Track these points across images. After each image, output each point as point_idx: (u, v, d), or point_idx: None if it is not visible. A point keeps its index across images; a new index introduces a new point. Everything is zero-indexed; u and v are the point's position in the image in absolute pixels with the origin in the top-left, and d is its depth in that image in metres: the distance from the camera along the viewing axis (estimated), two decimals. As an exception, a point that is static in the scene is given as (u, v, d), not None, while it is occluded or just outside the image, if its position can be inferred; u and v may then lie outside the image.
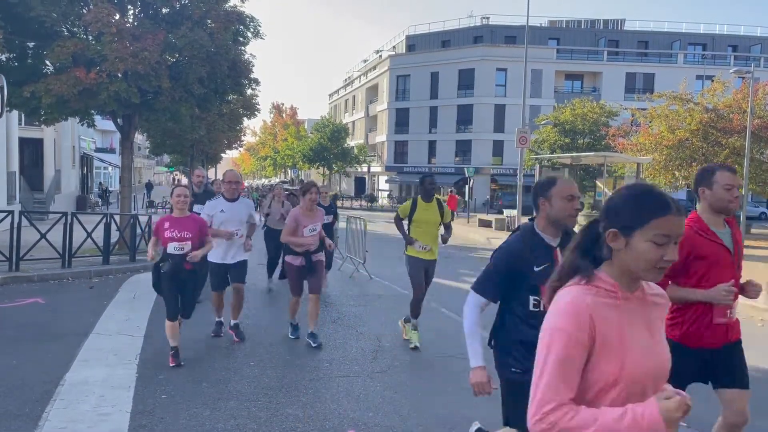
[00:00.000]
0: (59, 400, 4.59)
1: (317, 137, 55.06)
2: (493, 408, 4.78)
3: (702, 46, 52.85)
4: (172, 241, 5.39)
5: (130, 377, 5.18)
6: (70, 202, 26.22)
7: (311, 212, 6.25)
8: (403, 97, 53.43)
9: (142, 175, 65.05)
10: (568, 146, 29.51)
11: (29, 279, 9.83)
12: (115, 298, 8.75)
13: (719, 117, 20.59)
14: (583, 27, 55.04)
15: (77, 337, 6.43)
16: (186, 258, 5.36)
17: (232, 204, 6.47)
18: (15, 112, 18.06)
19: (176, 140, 28.89)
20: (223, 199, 6.50)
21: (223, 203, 6.45)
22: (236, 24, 13.67)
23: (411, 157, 52.85)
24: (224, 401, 4.70)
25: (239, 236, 6.40)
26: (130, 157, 14.72)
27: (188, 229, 5.44)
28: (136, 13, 13.64)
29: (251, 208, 6.75)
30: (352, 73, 71.68)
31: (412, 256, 6.49)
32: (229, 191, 6.47)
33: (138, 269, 11.56)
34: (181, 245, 5.39)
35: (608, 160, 19.85)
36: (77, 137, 31.76)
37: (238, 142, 40.80)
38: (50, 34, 12.14)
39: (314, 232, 6.24)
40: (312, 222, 6.21)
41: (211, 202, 6.57)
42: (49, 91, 11.59)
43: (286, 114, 78.58)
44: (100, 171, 46.56)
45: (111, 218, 12.01)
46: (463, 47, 50.98)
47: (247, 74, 14.99)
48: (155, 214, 24.21)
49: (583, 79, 51.09)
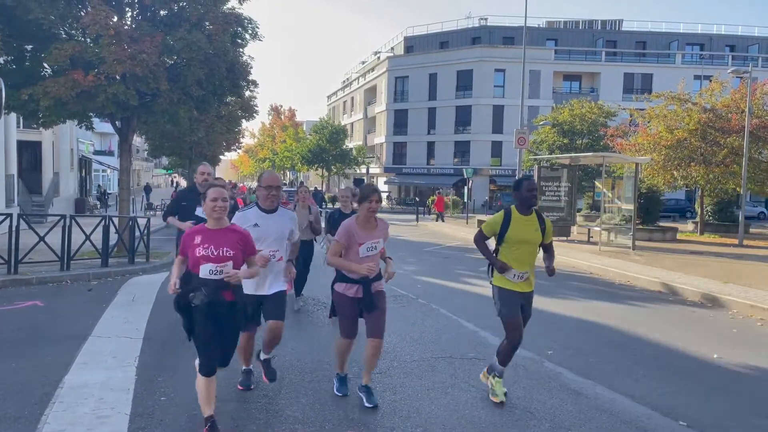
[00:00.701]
0: (58, 403, 4.58)
1: (316, 139, 55.09)
2: (494, 408, 4.78)
3: (700, 46, 52.96)
4: (206, 262, 3.94)
5: (129, 379, 5.17)
6: (69, 205, 26.19)
7: (370, 224, 4.78)
8: (402, 98, 53.47)
9: (140, 178, 65.02)
10: (567, 147, 29.51)
11: (28, 282, 9.81)
12: (113, 300, 8.73)
13: (717, 117, 20.61)
14: (581, 28, 55.13)
15: (76, 339, 6.41)
16: (226, 284, 3.96)
17: (270, 216, 4.84)
18: (13, 115, 18.05)
19: (175, 142, 28.87)
20: (257, 209, 4.86)
21: (257, 215, 4.82)
22: (234, 26, 13.67)
23: (410, 158, 52.88)
24: (223, 403, 4.69)
25: (277, 259, 4.85)
26: (128, 159, 14.72)
27: (228, 245, 3.99)
28: (134, 15, 13.65)
29: (294, 221, 5.06)
30: (351, 75, 71.75)
31: (503, 288, 4.95)
32: (268, 199, 4.80)
33: (137, 272, 11.55)
34: (220, 267, 3.94)
35: (607, 161, 19.82)
36: (75, 140, 31.73)
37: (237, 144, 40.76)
38: (48, 36, 12.14)
39: (374, 251, 4.76)
40: (370, 238, 4.73)
41: (242, 213, 4.87)
42: (47, 94, 11.59)
43: (285, 116, 78.54)
44: (98, 174, 46.53)
45: (110, 221, 12.00)
46: (462, 48, 51.07)
47: (245, 76, 15.01)
48: (153, 216, 24.19)
49: (581, 80, 51.18)
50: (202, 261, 3.94)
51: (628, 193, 17.91)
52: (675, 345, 6.99)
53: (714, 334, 7.65)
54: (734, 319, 8.65)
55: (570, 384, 5.41)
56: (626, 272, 12.36)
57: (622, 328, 7.82)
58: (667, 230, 21.16)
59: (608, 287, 11.30)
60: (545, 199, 20.31)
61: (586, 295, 10.29)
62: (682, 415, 4.73)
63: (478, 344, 6.65)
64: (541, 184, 20.43)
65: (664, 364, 6.20)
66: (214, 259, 3.93)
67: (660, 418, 4.66)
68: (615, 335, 7.43)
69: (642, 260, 14.49)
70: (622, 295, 10.48)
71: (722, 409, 4.96)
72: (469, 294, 10.07)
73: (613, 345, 6.92)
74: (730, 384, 5.61)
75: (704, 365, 6.22)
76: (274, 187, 4.80)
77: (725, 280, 11.35)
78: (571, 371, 5.76)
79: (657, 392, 5.27)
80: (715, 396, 5.28)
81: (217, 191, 4.01)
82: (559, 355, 6.32)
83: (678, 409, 4.85)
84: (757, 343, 7.26)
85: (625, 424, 4.52)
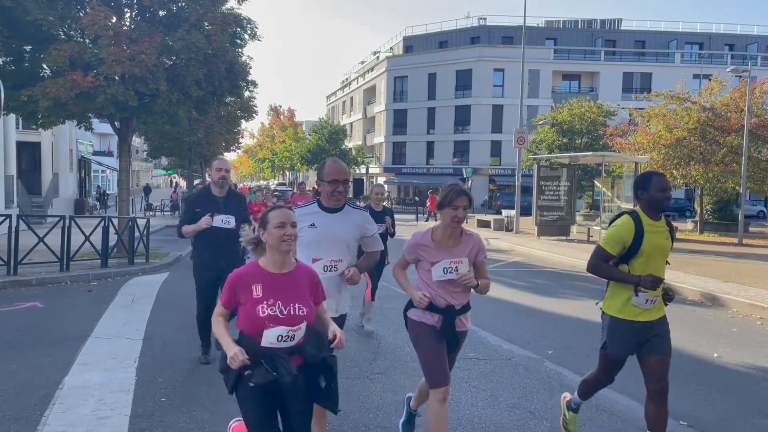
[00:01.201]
0: (58, 404, 4.58)
1: (315, 139, 55.08)
2: (494, 408, 4.78)
3: (699, 45, 52.99)
4: (274, 325, 2.72)
5: (129, 380, 5.17)
6: (68, 206, 26.18)
7: (452, 238, 3.55)
8: (401, 98, 53.47)
9: (140, 178, 64.99)
10: (566, 146, 29.50)
11: (28, 283, 9.81)
12: (113, 301, 8.73)
13: (717, 116, 20.61)
14: (580, 27, 55.15)
15: (76, 340, 6.41)
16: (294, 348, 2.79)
17: (334, 217, 3.68)
18: (12, 116, 18.03)
19: (174, 143, 28.86)
20: (317, 207, 3.72)
21: (315, 213, 3.68)
22: (233, 26, 13.67)
23: (409, 158, 52.88)
24: (223, 404, 4.68)
25: (339, 273, 3.70)
26: (127, 160, 14.71)
27: (301, 299, 2.82)
28: (133, 16, 13.65)
29: (369, 223, 3.84)
30: (350, 75, 71.74)
31: (620, 318, 3.88)
32: (333, 196, 3.65)
33: (136, 272, 11.55)
34: (292, 332, 2.75)
35: (606, 160, 19.84)
36: (75, 141, 31.71)
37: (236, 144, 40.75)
38: (47, 37, 12.14)
39: (454, 274, 3.51)
40: (451, 256, 3.51)
41: (300, 209, 3.70)
42: (47, 95, 11.58)
43: (284, 116, 78.53)
44: (98, 174, 46.50)
45: (109, 221, 12.00)
46: (461, 48, 51.07)
47: (244, 76, 15.01)
48: (153, 216, 24.18)
49: (580, 79, 51.19)
50: (268, 323, 2.70)
51: (627, 192, 17.91)
52: (675, 344, 6.96)
53: (714, 334, 7.66)
54: (734, 318, 8.65)
55: (570, 384, 5.40)
56: (626, 271, 12.34)
57: (622, 327, 7.81)
58: (667, 229, 21.12)
59: (608, 286, 11.28)
60: (544, 198, 20.33)
61: (586, 294, 10.28)
62: (683, 414, 4.74)
63: (478, 344, 6.65)
64: (540, 183, 20.45)
65: (664, 363, 6.19)
66: (285, 320, 2.72)
67: (660, 417, 4.65)
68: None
69: (642, 259, 14.47)
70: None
71: (722, 408, 4.96)
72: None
73: (613, 344, 6.91)
74: (731, 383, 5.61)
75: (704, 364, 6.22)
76: (341, 182, 3.62)
77: (725, 279, 11.36)
78: (571, 371, 5.75)
79: (657, 391, 5.26)
80: (716, 395, 5.28)
81: (283, 214, 2.81)
82: (559, 355, 6.32)
83: (678, 409, 4.85)
84: (758, 342, 7.26)
85: (626, 423, 4.52)
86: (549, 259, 14.90)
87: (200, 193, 6.06)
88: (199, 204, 5.67)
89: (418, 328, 3.61)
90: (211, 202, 5.61)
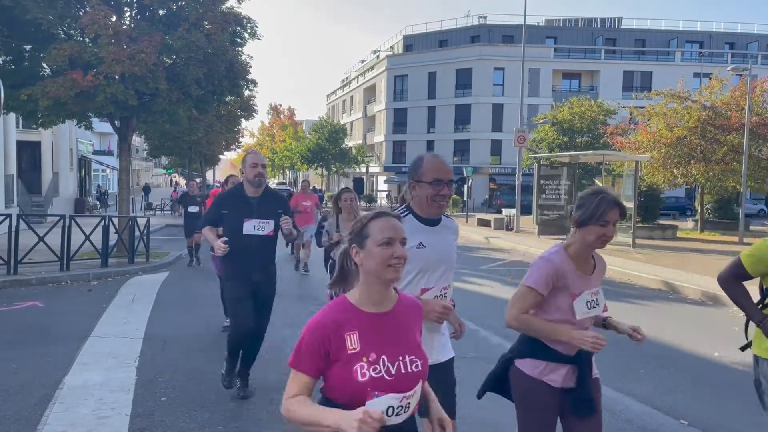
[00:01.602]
0: (58, 404, 4.57)
1: (315, 138, 55.02)
2: (495, 407, 4.76)
3: (699, 44, 52.93)
4: (382, 391, 1.81)
5: (130, 380, 5.16)
6: (69, 205, 26.17)
7: (588, 264, 2.70)
8: (401, 97, 53.45)
9: (140, 178, 64.99)
10: (567, 145, 29.50)
11: (28, 282, 9.80)
12: (113, 300, 8.73)
13: (717, 114, 20.60)
14: (581, 26, 55.12)
15: (76, 340, 6.40)
16: None
17: (435, 231, 2.78)
18: (12, 115, 18.02)
19: (174, 142, 28.85)
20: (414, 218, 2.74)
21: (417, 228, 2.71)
22: (233, 25, 13.66)
23: (409, 157, 52.75)
24: (224, 403, 4.68)
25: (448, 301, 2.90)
26: (128, 159, 14.70)
27: (412, 349, 1.93)
28: (133, 15, 13.64)
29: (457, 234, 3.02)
30: (350, 74, 71.73)
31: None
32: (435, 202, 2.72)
33: (137, 272, 11.55)
34: (407, 399, 1.87)
35: (606, 159, 19.84)
36: (75, 140, 31.70)
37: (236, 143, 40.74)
38: (47, 36, 12.13)
39: (596, 309, 2.72)
40: (588, 286, 2.66)
41: None
42: (47, 94, 11.57)
43: (284, 115, 78.52)
44: (98, 174, 46.51)
45: (109, 221, 11.99)
46: (461, 47, 51.03)
47: (244, 75, 15.00)
48: (153, 216, 24.17)
49: (580, 78, 51.14)
50: (372, 389, 1.80)
51: (628, 191, 17.89)
52: (676, 343, 6.98)
53: (715, 333, 7.65)
54: (735, 318, 8.64)
55: (571, 383, 5.39)
56: (626, 270, 12.35)
57: (622, 326, 7.80)
58: (667, 228, 21.15)
59: (608, 285, 11.29)
60: (545, 197, 20.32)
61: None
62: (683, 413, 4.73)
63: (478, 343, 6.64)
64: (540, 182, 20.45)
65: (665, 362, 6.19)
66: (395, 384, 1.83)
67: (661, 416, 4.65)
68: (615, 334, 7.40)
69: (642, 258, 14.49)
70: (622, 293, 10.47)
71: (723, 407, 4.95)
72: (469, 293, 10.06)
73: (613, 343, 6.87)
74: (731, 382, 5.60)
75: (705, 363, 6.21)
76: (445, 182, 2.71)
77: (725, 278, 11.33)
78: (571, 370, 5.74)
79: (658, 390, 5.26)
80: (716, 394, 5.28)
81: (391, 226, 1.90)
82: (559, 354, 6.30)
83: (679, 408, 4.84)
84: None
85: (627, 422, 4.51)
86: (549, 258, 14.85)
87: (232, 192, 4.90)
88: (226, 205, 4.71)
89: (535, 390, 2.59)
90: (242, 203, 4.61)
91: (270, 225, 4.61)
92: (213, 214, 4.78)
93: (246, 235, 4.53)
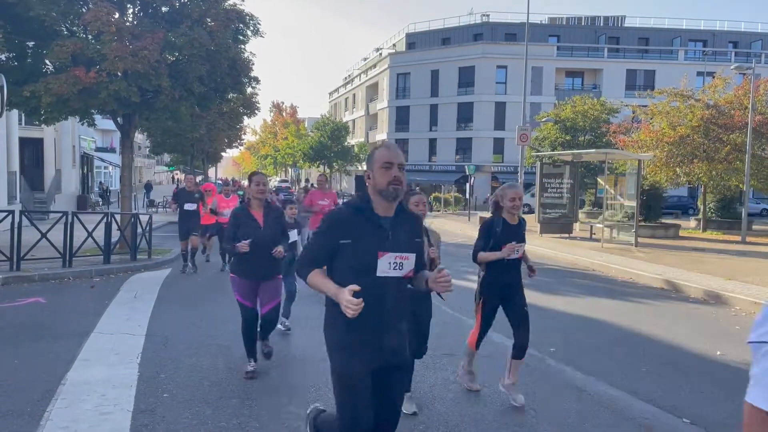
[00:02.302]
0: (61, 400, 4.58)
1: (317, 136, 55.02)
2: (496, 405, 4.77)
3: (702, 43, 52.79)
4: None
5: (132, 376, 5.17)
6: (71, 202, 26.22)
7: None
8: (404, 95, 53.40)
9: (142, 175, 65.04)
10: (569, 143, 29.43)
11: (30, 279, 9.82)
12: (116, 297, 8.74)
13: (720, 113, 20.54)
14: (584, 24, 55.01)
15: (78, 336, 6.41)
16: None
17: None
18: (15, 112, 18.06)
19: (176, 139, 28.89)
20: None
21: None
22: (236, 22, 13.67)
23: (411, 155, 52.79)
24: (226, 400, 4.69)
25: None
26: (130, 156, 14.72)
27: None
28: (136, 12, 13.64)
29: None
30: (352, 72, 71.66)
31: None
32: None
33: (139, 268, 11.57)
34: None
35: (609, 157, 19.79)
36: (77, 137, 31.75)
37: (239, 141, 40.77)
38: (50, 33, 12.12)
39: None
40: None
41: None
42: (49, 91, 11.58)
43: (287, 113, 78.46)
44: (100, 170, 46.56)
45: (111, 218, 12.00)
46: (464, 45, 50.97)
47: (247, 72, 15.01)
48: (156, 213, 24.20)
49: (583, 76, 51.04)
50: None
51: (630, 190, 17.86)
52: (678, 342, 6.97)
53: (717, 332, 7.63)
54: (737, 317, 8.63)
55: (573, 381, 5.40)
56: (629, 269, 12.33)
57: (624, 325, 7.80)
58: (670, 227, 21.11)
59: (611, 284, 11.28)
60: (547, 195, 20.29)
61: (588, 292, 10.27)
62: (685, 412, 4.72)
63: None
64: (543, 180, 20.42)
65: (667, 361, 6.18)
66: None
67: (663, 414, 4.65)
68: (617, 332, 7.41)
69: (644, 257, 14.46)
70: (624, 292, 10.46)
71: (725, 406, 4.94)
72: (470, 291, 10.04)
73: (615, 342, 6.91)
74: (734, 381, 5.59)
75: (707, 362, 6.20)
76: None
77: (728, 277, 11.32)
78: (573, 368, 5.74)
79: (660, 389, 5.25)
80: (719, 393, 5.27)
81: None
82: (561, 353, 6.31)
83: (681, 406, 4.83)
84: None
85: (628, 420, 4.50)
86: (551, 256, 14.88)
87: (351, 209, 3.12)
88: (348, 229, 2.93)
89: None
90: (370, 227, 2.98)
91: (411, 261, 2.90)
92: (321, 244, 2.89)
93: (379, 278, 2.80)
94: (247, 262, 5.22)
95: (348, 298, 2.56)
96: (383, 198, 2.81)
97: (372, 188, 2.86)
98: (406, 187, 2.94)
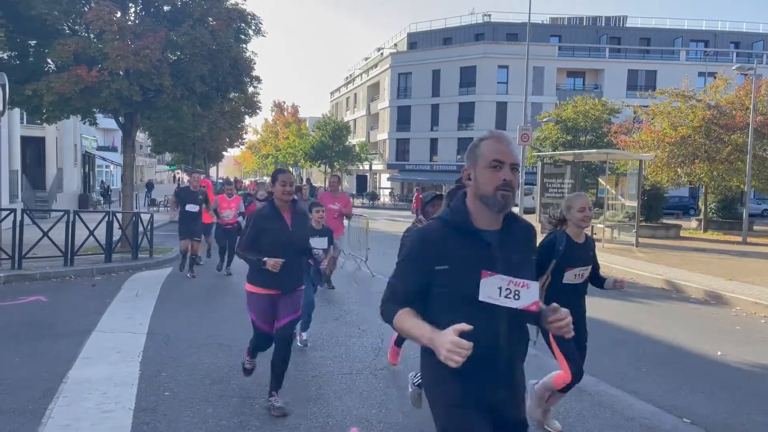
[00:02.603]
0: (62, 398, 4.59)
1: (319, 135, 55.00)
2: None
3: (704, 43, 52.74)
4: None
5: (133, 374, 5.18)
6: (72, 201, 26.25)
7: None
8: (405, 94, 53.40)
9: (143, 174, 65.07)
10: (570, 143, 29.44)
11: (32, 277, 9.84)
12: (117, 295, 8.75)
13: (722, 114, 20.53)
14: (585, 24, 54.97)
15: (80, 335, 6.43)
16: None
17: None
18: (17, 111, 18.08)
19: (178, 138, 28.90)
20: None
21: None
22: (237, 21, 13.68)
23: (413, 155, 52.84)
24: (227, 398, 4.70)
25: None
26: (131, 155, 14.73)
27: None
28: (138, 11, 13.66)
29: None
30: (354, 71, 71.66)
31: None
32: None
33: (140, 267, 11.58)
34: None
35: (610, 158, 19.78)
36: (79, 136, 31.79)
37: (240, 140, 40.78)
38: (52, 32, 12.14)
39: None
40: None
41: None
42: (51, 90, 11.59)
43: (288, 112, 78.44)
44: (102, 169, 46.59)
45: (113, 216, 12.01)
46: (465, 45, 50.96)
47: (248, 72, 15.01)
48: (157, 212, 24.23)
49: (584, 77, 51.01)
50: None
51: (631, 190, 17.86)
52: (678, 342, 6.98)
53: (718, 332, 7.64)
54: (738, 317, 8.63)
55: (573, 381, 5.40)
56: (629, 269, 12.33)
57: (625, 325, 7.81)
58: (671, 227, 21.11)
59: (611, 284, 11.27)
60: (548, 195, 20.28)
61: (588, 291, 10.25)
62: (686, 412, 4.73)
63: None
64: (544, 180, 20.41)
65: (668, 361, 6.19)
66: None
67: (663, 414, 4.65)
68: (618, 332, 7.42)
69: (645, 257, 14.46)
70: (624, 292, 10.45)
71: (726, 406, 4.95)
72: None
73: (616, 342, 6.91)
74: (734, 381, 5.60)
75: (708, 362, 6.21)
76: None
77: (729, 278, 11.32)
78: (574, 368, 5.74)
79: (660, 389, 5.26)
80: (719, 393, 5.27)
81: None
82: (562, 352, 6.30)
83: (681, 406, 4.84)
84: (761, 340, 7.24)
85: (629, 420, 4.51)
86: (552, 256, 14.85)
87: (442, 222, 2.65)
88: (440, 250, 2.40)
89: None
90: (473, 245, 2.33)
91: (533, 290, 2.16)
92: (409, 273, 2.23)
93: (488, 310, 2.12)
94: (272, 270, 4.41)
95: (452, 339, 1.86)
96: (487, 206, 2.16)
97: (472, 192, 2.21)
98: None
